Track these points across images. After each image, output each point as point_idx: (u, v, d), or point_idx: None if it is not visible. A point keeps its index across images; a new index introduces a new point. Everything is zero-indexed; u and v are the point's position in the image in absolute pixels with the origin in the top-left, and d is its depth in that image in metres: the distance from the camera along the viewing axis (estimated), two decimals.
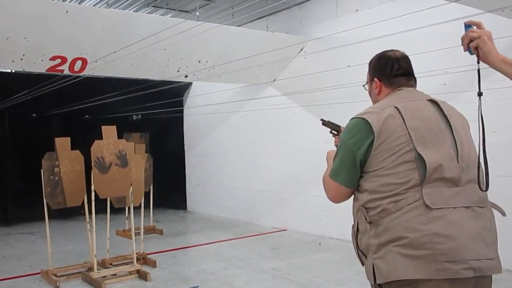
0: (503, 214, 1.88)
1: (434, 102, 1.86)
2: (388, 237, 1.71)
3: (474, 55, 1.65)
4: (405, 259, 1.66)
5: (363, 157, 1.79)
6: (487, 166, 1.67)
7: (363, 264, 1.84)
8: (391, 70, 1.94)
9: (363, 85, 2.10)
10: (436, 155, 1.72)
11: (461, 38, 1.67)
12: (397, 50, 1.99)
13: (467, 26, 1.67)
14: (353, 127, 1.84)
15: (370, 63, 2.06)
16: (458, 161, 1.73)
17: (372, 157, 1.77)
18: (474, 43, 1.62)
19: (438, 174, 1.69)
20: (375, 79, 2.00)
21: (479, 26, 1.66)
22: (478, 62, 1.64)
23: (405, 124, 1.75)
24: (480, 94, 1.67)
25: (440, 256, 1.62)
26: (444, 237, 1.64)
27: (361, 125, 1.80)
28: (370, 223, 1.76)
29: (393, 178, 1.73)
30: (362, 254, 1.83)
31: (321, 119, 2.42)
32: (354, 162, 1.81)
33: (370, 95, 2.07)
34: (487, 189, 1.69)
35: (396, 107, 1.79)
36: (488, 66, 1.65)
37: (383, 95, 1.96)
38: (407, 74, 1.95)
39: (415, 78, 1.98)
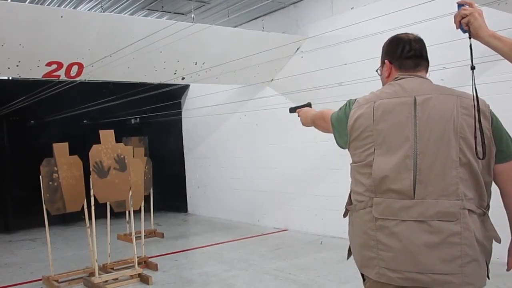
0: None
1: (419, 102, 1.73)
2: (352, 232, 1.88)
3: (466, 34, 1.71)
4: (363, 258, 1.80)
5: (349, 135, 1.87)
6: (482, 135, 1.64)
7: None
8: (402, 52, 1.89)
9: (376, 70, 2.04)
10: (386, 164, 1.72)
11: (454, 16, 1.73)
12: (410, 33, 1.94)
13: (460, 5, 1.74)
14: (349, 107, 1.91)
15: (382, 47, 2.00)
16: (416, 173, 1.68)
17: (350, 147, 1.87)
18: (466, 19, 1.69)
19: (385, 185, 1.72)
20: (385, 61, 1.94)
21: (470, 5, 1.73)
22: (470, 38, 1.70)
23: (373, 126, 1.77)
24: (473, 68, 1.69)
25: (381, 262, 1.73)
26: (386, 245, 1.71)
27: (347, 110, 1.89)
28: (346, 209, 1.92)
29: (360, 177, 1.80)
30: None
31: (289, 108, 2.63)
32: (344, 129, 1.89)
33: (381, 79, 2.02)
34: (484, 157, 1.64)
35: (374, 105, 1.80)
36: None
37: (392, 78, 1.90)
38: (419, 56, 1.89)
39: (427, 62, 1.91)
